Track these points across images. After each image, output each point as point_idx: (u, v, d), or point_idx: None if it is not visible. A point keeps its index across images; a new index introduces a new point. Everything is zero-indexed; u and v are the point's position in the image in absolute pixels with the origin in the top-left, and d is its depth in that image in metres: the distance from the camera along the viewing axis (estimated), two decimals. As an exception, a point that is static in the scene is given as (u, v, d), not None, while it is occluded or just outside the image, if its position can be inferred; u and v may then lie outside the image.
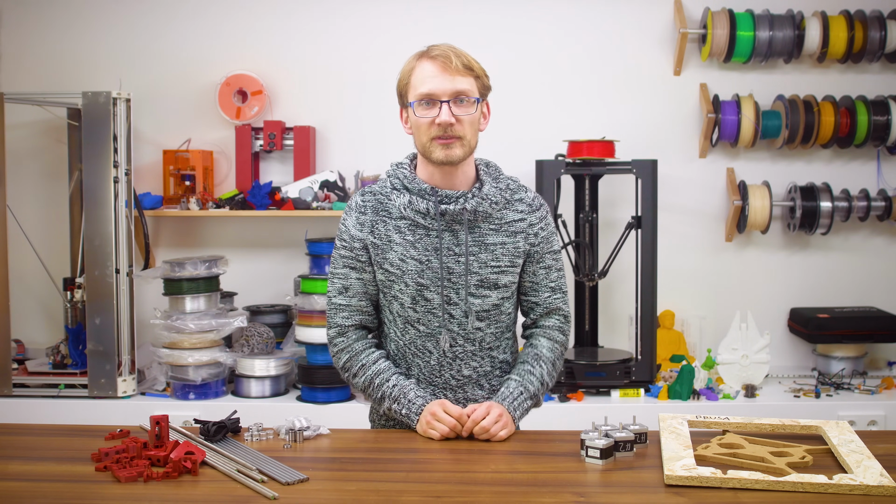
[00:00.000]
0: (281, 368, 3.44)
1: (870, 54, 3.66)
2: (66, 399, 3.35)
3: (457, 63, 1.91)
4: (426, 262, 1.97)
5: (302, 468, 1.73)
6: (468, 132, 1.94)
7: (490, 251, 1.98)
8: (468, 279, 1.97)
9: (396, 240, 1.98)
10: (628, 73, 3.79)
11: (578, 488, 1.65)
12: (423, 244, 1.97)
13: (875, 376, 3.60)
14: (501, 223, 2.00)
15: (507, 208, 2.02)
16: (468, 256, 1.97)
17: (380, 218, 2.00)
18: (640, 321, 3.45)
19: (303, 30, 3.81)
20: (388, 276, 1.99)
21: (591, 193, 3.55)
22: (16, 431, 2.10)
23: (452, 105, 1.92)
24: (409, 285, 1.97)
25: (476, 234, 1.98)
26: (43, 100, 3.52)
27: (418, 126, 1.94)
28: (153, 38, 3.83)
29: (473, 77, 1.95)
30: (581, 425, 1.96)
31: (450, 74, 1.91)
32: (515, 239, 2.01)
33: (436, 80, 1.91)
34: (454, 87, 1.91)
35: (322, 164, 3.81)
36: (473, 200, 1.96)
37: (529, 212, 2.04)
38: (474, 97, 1.94)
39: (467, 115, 1.93)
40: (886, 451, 1.80)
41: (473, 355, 2.03)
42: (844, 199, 3.68)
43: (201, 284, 3.43)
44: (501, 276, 1.99)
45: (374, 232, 2.00)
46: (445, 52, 1.92)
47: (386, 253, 1.99)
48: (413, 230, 1.98)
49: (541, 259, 2.04)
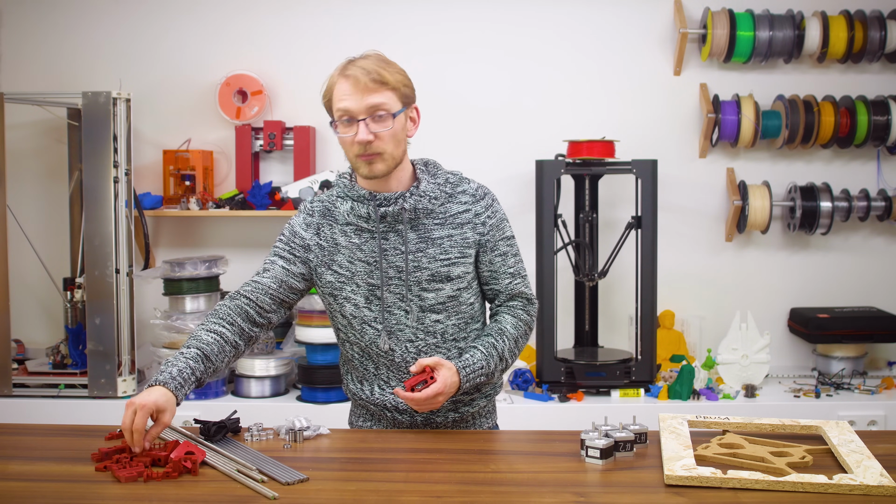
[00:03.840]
0: (281, 368, 3.44)
1: (870, 54, 3.66)
2: (66, 399, 3.35)
3: (366, 81, 1.91)
4: (374, 263, 2.00)
5: (302, 468, 1.73)
6: (389, 146, 1.95)
7: (437, 245, 2.00)
8: (418, 275, 1.99)
9: (343, 243, 2.02)
10: (628, 73, 3.79)
11: (578, 488, 1.65)
12: (369, 246, 2.00)
13: (875, 376, 3.60)
14: (446, 216, 2.03)
15: (449, 202, 2.04)
16: (415, 254, 1.99)
17: (326, 222, 2.05)
18: (640, 321, 3.44)
19: (303, 30, 3.81)
20: (337, 277, 2.02)
21: (591, 193, 3.55)
22: (16, 431, 2.10)
23: (370, 122, 1.93)
24: (360, 286, 2.01)
25: (421, 230, 2.01)
26: (43, 100, 3.52)
27: (343, 143, 1.98)
28: (153, 38, 3.83)
29: (389, 90, 1.94)
30: (581, 425, 1.96)
31: (360, 93, 1.92)
32: (463, 230, 2.03)
33: (350, 99, 1.93)
34: (367, 103, 1.92)
35: (322, 164, 3.81)
36: (412, 199, 1.99)
37: (473, 202, 2.05)
38: (393, 111, 1.94)
39: (385, 129, 1.94)
40: (886, 451, 1.80)
41: (437, 347, 2.03)
42: (844, 199, 3.68)
43: (201, 284, 3.44)
44: (452, 268, 2.01)
45: (319, 234, 2.05)
46: (355, 72, 1.92)
47: (333, 255, 2.03)
48: (359, 234, 2.02)
49: (494, 247, 2.06)
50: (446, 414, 2.07)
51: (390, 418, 2.08)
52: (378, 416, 2.11)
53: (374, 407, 2.08)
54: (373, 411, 2.10)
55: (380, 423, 2.11)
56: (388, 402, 2.05)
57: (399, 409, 2.06)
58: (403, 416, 2.06)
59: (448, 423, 2.09)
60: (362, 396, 2.09)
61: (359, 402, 2.13)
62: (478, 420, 2.15)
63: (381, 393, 2.06)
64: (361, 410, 2.16)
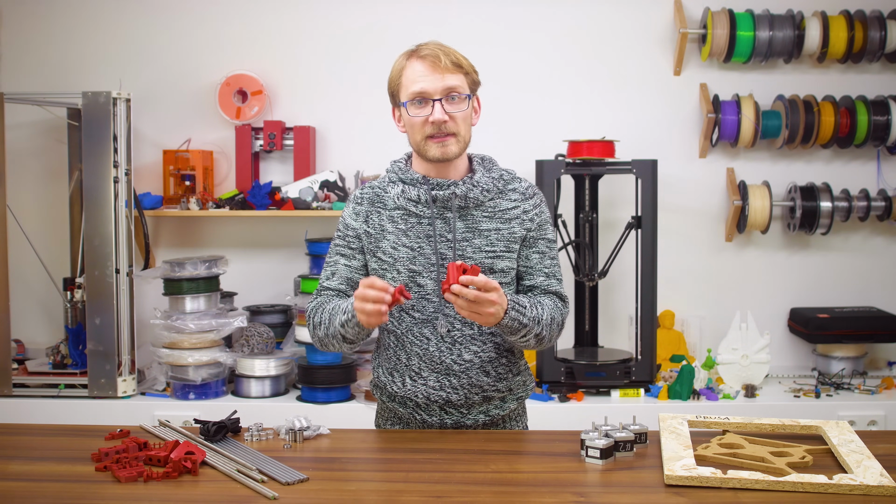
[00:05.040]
0: (281, 368, 3.44)
1: (870, 54, 3.66)
2: (66, 399, 3.35)
3: (446, 61, 1.94)
4: (418, 249, 2.00)
5: (302, 468, 1.73)
6: (462, 128, 1.98)
7: (484, 237, 2.00)
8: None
9: (389, 229, 2.02)
10: (628, 73, 3.79)
11: (578, 488, 1.65)
12: (415, 232, 2.01)
13: (875, 376, 3.60)
14: (495, 211, 2.03)
15: (500, 197, 2.04)
16: (461, 242, 1.99)
17: (375, 209, 2.05)
18: (640, 321, 3.45)
19: (303, 30, 3.81)
20: (381, 264, 2.03)
21: (591, 193, 3.55)
22: (16, 431, 2.10)
23: (444, 102, 1.95)
24: (401, 272, 2.00)
25: (469, 221, 2.01)
26: (43, 100, 3.52)
27: (412, 125, 1.98)
28: (153, 38, 3.83)
29: (463, 73, 1.98)
30: (581, 425, 1.96)
31: (440, 73, 1.94)
32: (510, 225, 2.03)
33: (427, 79, 1.94)
34: (445, 84, 1.94)
35: (322, 164, 3.81)
36: (464, 186, 1.99)
37: (523, 199, 2.06)
38: (465, 93, 1.97)
39: (460, 111, 1.97)
40: (886, 451, 1.80)
41: (473, 339, 2.02)
42: (844, 199, 3.68)
43: (201, 284, 3.43)
44: (497, 261, 2.01)
45: (368, 222, 2.05)
46: (434, 51, 1.95)
47: (379, 242, 2.03)
48: (406, 219, 2.02)
49: (534, 244, 2.06)
50: (476, 417, 2.05)
51: (419, 421, 2.05)
52: (407, 420, 2.08)
53: (402, 402, 2.06)
54: (401, 414, 2.08)
55: (408, 426, 2.08)
56: (420, 395, 2.03)
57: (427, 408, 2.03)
58: (433, 417, 2.04)
59: (479, 426, 2.06)
60: (391, 389, 2.07)
61: (386, 399, 2.10)
62: (508, 423, 2.12)
63: (412, 385, 2.03)
64: (389, 413, 2.13)
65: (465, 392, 2.02)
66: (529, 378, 2.16)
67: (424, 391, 2.02)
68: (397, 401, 2.07)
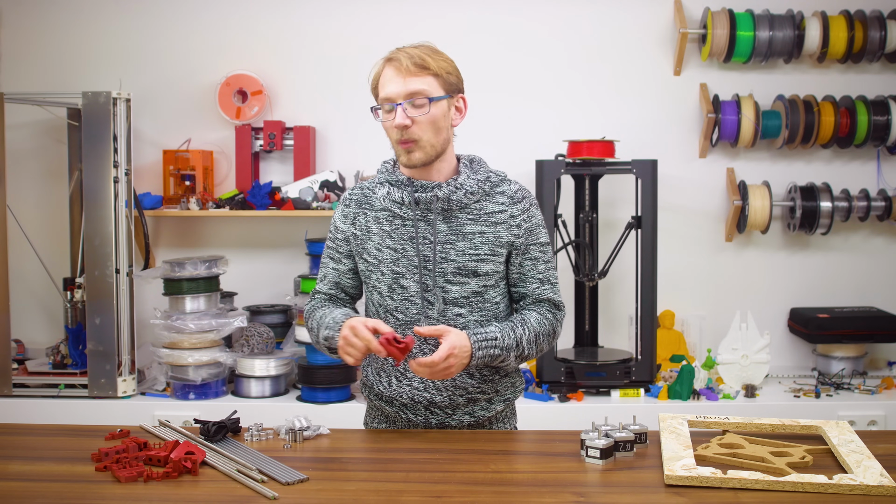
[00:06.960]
0: (281, 368, 3.44)
1: (870, 54, 3.66)
2: (66, 399, 3.35)
3: (408, 64, 1.92)
4: (402, 250, 2.00)
5: (302, 468, 1.73)
6: (426, 133, 1.95)
7: (468, 240, 2.00)
8: (444, 266, 1.99)
9: (375, 230, 2.04)
10: (628, 73, 3.79)
11: (578, 488, 1.65)
12: (398, 234, 2.01)
13: (875, 376, 3.60)
14: (481, 213, 2.01)
15: (486, 199, 2.02)
16: (444, 245, 1.98)
17: (362, 210, 2.07)
18: (640, 321, 3.45)
19: (303, 30, 3.81)
20: (366, 265, 2.05)
21: (591, 193, 3.55)
22: (16, 431, 2.10)
23: (408, 107, 1.93)
24: (385, 274, 2.01)
25: (453, 223, 2.00)
26: (43, 100, 3.52)
27: (385, 130, 2.00)
28: (153, 38, 3.83)
29: (431, 76, 1.94)
30: (581, 425, 1.96)
31: (402, 77, 1.93)
32: (496, 229, 2.01)
33: (391, 84, 1.94)
34: (407, 89, 1.93)
35: (322, 164, 3.81)
36: (447, 189, 1.98)
37: (510, 203, 2.03)
38: (430, 97, 1.94)
39: (421, 115, 1.94)
40: (886, 451, 1.80)
41: None
42: (844, 199, 3.68)
43: (201, 284, 3.43)
44: (481, 264, 2.00)
45: (355, 223, 2.07)
46: (398, 55, 1.95)
47: (365, 243, 2.05)
48: (391, 221, 2.02)
49: (526, 251, 2.05)
50: (461, 417, 2.05)
51: (405, 420, 2.06)
52: (393, 419, 2.10)
53: (388, 401, 2.07)
54: (388, 413, 2.09)
55: (394, 425, 2.10)
56: (405, 395, 2.03)
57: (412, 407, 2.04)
58: (418, 417, 2.05)
59: (464, 427, 2.06)
60: (378, 389, 2.08)
61: (374, 397, 2.11)
62: (495, 424, 2.12)
63: (398, 385, 2.04)
64: (376, 412, 2.15)
65: (449, 393, 2.02)
66: (519, 379, 2.15)
67: (409, 391, 2.03)
68: (384, 399, 2.08)
